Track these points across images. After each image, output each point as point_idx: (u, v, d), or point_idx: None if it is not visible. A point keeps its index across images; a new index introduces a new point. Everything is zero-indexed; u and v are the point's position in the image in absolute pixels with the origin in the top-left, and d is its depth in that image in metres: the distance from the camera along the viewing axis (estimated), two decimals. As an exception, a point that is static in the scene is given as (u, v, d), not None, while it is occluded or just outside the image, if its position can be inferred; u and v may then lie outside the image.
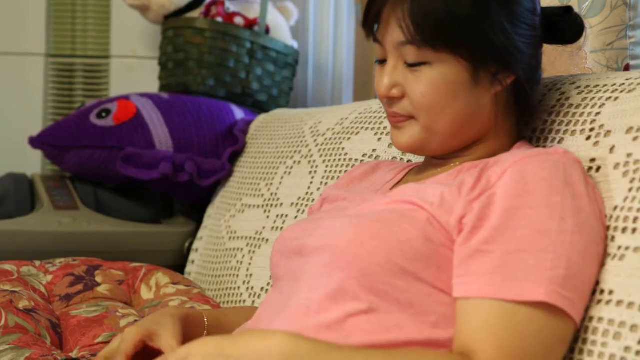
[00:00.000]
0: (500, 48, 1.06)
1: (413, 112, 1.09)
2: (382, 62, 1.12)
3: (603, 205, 1.01)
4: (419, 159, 1.29)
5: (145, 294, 1.59)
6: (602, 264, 0.98)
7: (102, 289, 1.54)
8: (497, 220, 0.96)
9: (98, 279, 1.55)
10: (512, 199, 0.96)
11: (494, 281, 0.93)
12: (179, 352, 0.94)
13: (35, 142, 1.94)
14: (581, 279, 0.94)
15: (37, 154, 2.19)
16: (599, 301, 0.96)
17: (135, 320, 1.43)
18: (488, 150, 1.12)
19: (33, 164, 2.32)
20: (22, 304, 1.40)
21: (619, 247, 0.97)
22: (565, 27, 1.17)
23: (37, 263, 1.59)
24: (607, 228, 1.00)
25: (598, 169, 1.05)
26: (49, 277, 1.55)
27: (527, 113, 1.16)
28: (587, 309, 0.97)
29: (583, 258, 0.95)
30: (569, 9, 1.18)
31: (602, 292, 0.96)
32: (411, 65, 1.07)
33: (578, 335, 0.97)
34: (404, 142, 1.11)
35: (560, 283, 0.92)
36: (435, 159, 1.15)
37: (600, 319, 0.95)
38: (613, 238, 0.98)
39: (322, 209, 1.23)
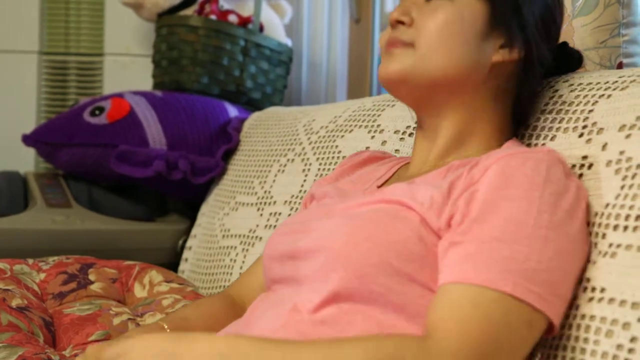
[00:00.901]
0: (522, 20, 1.08)
1: (416, 38, 1.08)
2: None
3: (588, 204, 1.01)
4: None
5: (139, 292, 1.58)
6: (593, 262, 0.98)
7: (95, 287, 1.53)
8: (475, 212, 0.96)
9: (91, 277, 1.55)
10: (491, 192, 0.96)
11: (465, 267, 0.93)
12: (116, 346, 0.92)
13: (28, 139, 1.94)
14: (556, 275, 0.94)
15: (31, 152, 2.19)
16: (591, 299, 0.96)
17: (129, 319, 1.43)
18: (478, 148, 1.12)
19: (26, 161, 2.31)
20: (15, 302, 1.40)
21: (610, 245, 0.97)
22: (563, 62, 1.22)
23: (30, 261, 1.59)
24: (599, 225, 1.00)
25: (590, 166, 1.05)
26: (42, 275, 1.55)
27: (521, 106, 1.15)
28: (578, 307, 0.97)
29: (558, 254, 0.94)
30: (563, 44, 1.24)
31: (593, 289, 0.96)
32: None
33: (570, 333, 0.97)
34: (393, 69, 1.09)
35: (529, 277, 0.91)
36: (432, 155, 1.14)
37: (592, 317, 0.95)
38: (604, 235, 0.98)
39: (310, 206, 1.22)
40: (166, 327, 1.15)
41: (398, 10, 1.10)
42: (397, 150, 1.44)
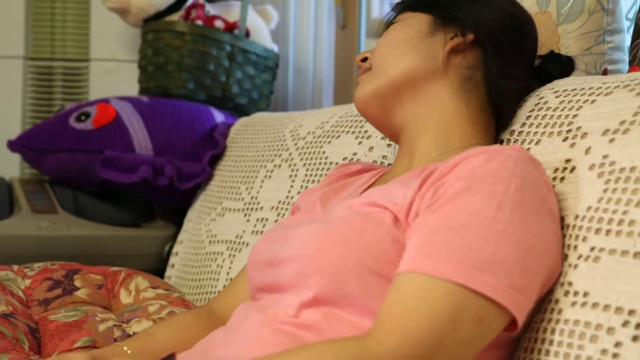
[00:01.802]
0: (465, 14, 1.16)
1: (372, 61, 1.19)
2: None
3: (557, 205, 1.02)
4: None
5: (125, 298, 1.58)
6: (573, 265, 0.98)
7: (81, 293, 1.53)
8: (437, 205, 0.96)
9: (77, 283, 1.55)
10: (455, 185, 0.96)
11: (418, 255, 0.93)
12: None
13: (13, 145, 1.93)
14: (515, 269, 0.92)
15: (16, 158, 2.18)
16: (574, 303, 0.96)
17: (115, 325, 1.43)
18: (459, 146, 1.13)
19: (12, 167, 2.31)
20: (0, 309, 1.39)
21: (592, 248, 0.97)
22: (556, 68, 1.26)
23: (16, 267, 1.58)
24: (580, 228, 1.00)
25: (573, 169, 1.06)
26: (27, 282, 1.54)
27: (493, 94, 1.17)
28: (561, 311, 0.97)
29: (517, 248, 0.93)
30: (551, 53, 1.29)
31: (576, 293, 0.96)
32: (387, 27, 1.22)
33: (553, 337, 0.97)
34: (361, 93, 1.18)
35: (482, 268, 0.90)
36: (405, 158, 1.16)
37: (576, 322, 0.95)
38: (585, 238, 0.98)
39: (293, 217, 1.23)
40: (126, 349, 1.14)
41: (364, 51, 1.25)
42: (384, 157, 1.45)
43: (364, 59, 1.22)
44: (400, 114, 1.16)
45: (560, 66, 1.28)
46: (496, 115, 1.19)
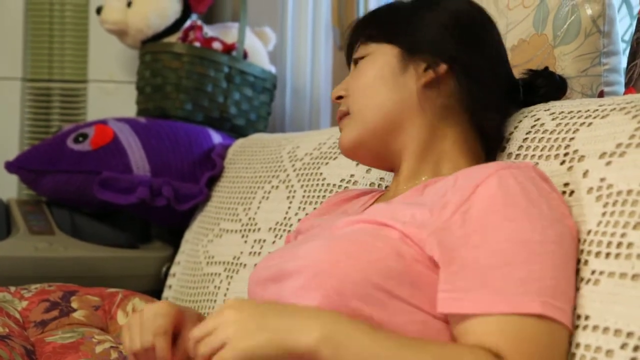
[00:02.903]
0: (431, 38, 1.15)
1: (350, 105, 1.18)
2: None
3: (572, 218, 1.03)
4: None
5: (122, 319, 1.57)
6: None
7: (77, 315, 1.52)
8: (477, 235, 0.95)
9: (74, 304, 1.54)
10: (489, 213, 0.96)
11: (484, 296, 0.93)
12: (211, 322, 0.91)
13: (11, 166, 1.93)
14: (566, 287, 0.95)
15: (13, 179, 2.18)
16: (576, 327, 0.96)
17: (112, 347, 1.42)
18: (449, 167, 1.14)
19: (9, 188, 2.30)
20: (-3, 331, 1.39)
21: (593, 272, 0.97)
22: (544, 85, 1.26)
23: (12, 289, 1.58)
24: (581, 252, 1.00)
25: (571, 193, 1.06)
26: (24, 303, 1.54)
27: (477, 118, 1.16)
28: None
29: (565, 266, 0.96)
30: (545, 70, 1.29)
31: (578, 317, 0.96)
32: (356, 62, 1.20)
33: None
34: (345, 141, 1.18)
35: (551, 294, 0.92)
36: (403, 177, 1.16)
37: (577, 345, 0.95)
38: (586, 262, 0.99)
39: (297, 239, 1.23)
40: None
41: (337, 87, 1.21)
42: (382, 178, 1.45)
43: (339, 97, 1.21)
44: (386, 152, 1.17)
45: (550, 83, 1.29)
46: (482, 132, 1.19)
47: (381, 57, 1.17)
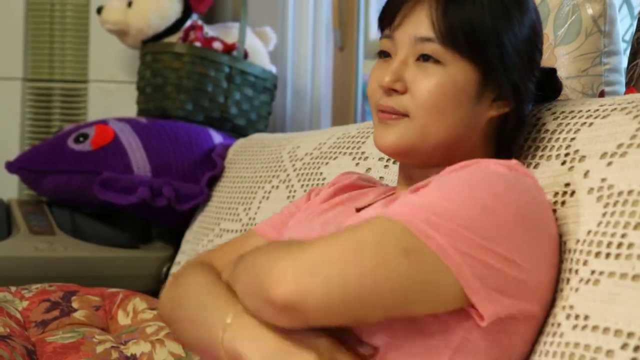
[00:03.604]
0: (512, 74, 1.08)
1: (411, 108, 1.06)
2: (387, 56, 1.10)
3: (552, 220, 1.02)
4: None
5: (122, 319, 1.57)
6: (575, 289, 0.98)
7: (78, 315, 1.53)
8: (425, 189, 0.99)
9: (74, 304, 1.54)
10: (442, 174, 1.00)
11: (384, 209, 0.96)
12: None
13: (12, 166, 1.93)
14: (474, 244, 0.92)
15: (14, 179, 2.18)
16: (575, 326, 0.96)
17: (112, 347, 1.42)
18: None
19: (10, 188, 2.30)
20: (-3, 331, 1.39)
21: (593, 272, 0.97)
22: (548, 86, 1.22)
23: (13, 289, 1.58)
24: (580, 252, 1.00)
25: (572, 193, 1.06)
26: (25, 303, 1.54)
27: (506, 139, 1.15)
28: (563, 334, 0.97)
29: (484, 231, 0.93)
30: (554, 70, 1.24)
31: (577, 317, 0.96)
32: (426, 60, 1.06)
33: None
34: (392, 141, 1.08)
35: (427, 220, 0.92)
36: (408, 178, 1.14)
37: (576, 345, 0.95)
38: (586, 262, 0.98)
39: (303, 216, 1.22)
40: None
41: (389, 74, 1.07)
42: (381, 178, 1.45)
43: (394, 90, 1.07)
44: (424, 166, 1.11)
45: (553, 84, 1.27)
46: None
47: (462, 76, 1.06)
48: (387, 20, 1.10)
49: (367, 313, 0.93)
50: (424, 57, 1.06)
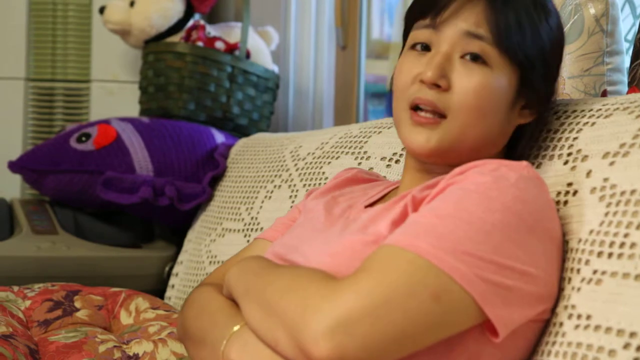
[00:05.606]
0: (547, 82, 1.09)
1: (453, 108, 1.03)
2: (423, 48, 1.07)
3: (557, 224, 1.02)
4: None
5: (125, 319, 1.58)
6: (577, 288, 0.98)
7: (81, 314, 1.53)
8: (429, 198, 0.99)
9: (77, 304, 1.54)
10: (450, 179, 0.99)
11: (397, 233, 0.95)
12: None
13: (14, 166, 1.93)
14: (491, 268, 0.91)
15: (17, 178, 2.18)
16: (577, 326, 0.96)
17: (115, 346, 1.42)
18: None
19: (12, 188, 2.30)
20: (0, 330, 1.39)
21: (595, 271, 0.97)
22: None
23: (16, 288, 1.58)
24: (582, 251, 1.00)
25: (575, 193, 1.06)
26: (28, 303, 1.54)
27: (519, 156, 1.16)
28: (565, 334, 0.97)
29: (495, 252, 0.92)
30: None
31: (579, 316, 0.96)
32: (474, 60, 1.04)
33: (556, 360, 0.97)
34: (433, 145, 1.05)
35: (456, 255, 0.90)
36: (418, 171, 1.13)
37: (579, 344, 0.95)
38: (588, 262, 0.99)
39: (301, 220, 1.21)
40: None
41: (433, 69, 1.04)
42: (383, 176, 1.45)
43: (436, 85, 1.04)
44: (453, 161, 1.08)
45: None
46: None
47: (505, 80, 1.05)
48: (433, 11, 1.06)
49: (400, 355, 0.92)
50: (472, 57, 1.04)
